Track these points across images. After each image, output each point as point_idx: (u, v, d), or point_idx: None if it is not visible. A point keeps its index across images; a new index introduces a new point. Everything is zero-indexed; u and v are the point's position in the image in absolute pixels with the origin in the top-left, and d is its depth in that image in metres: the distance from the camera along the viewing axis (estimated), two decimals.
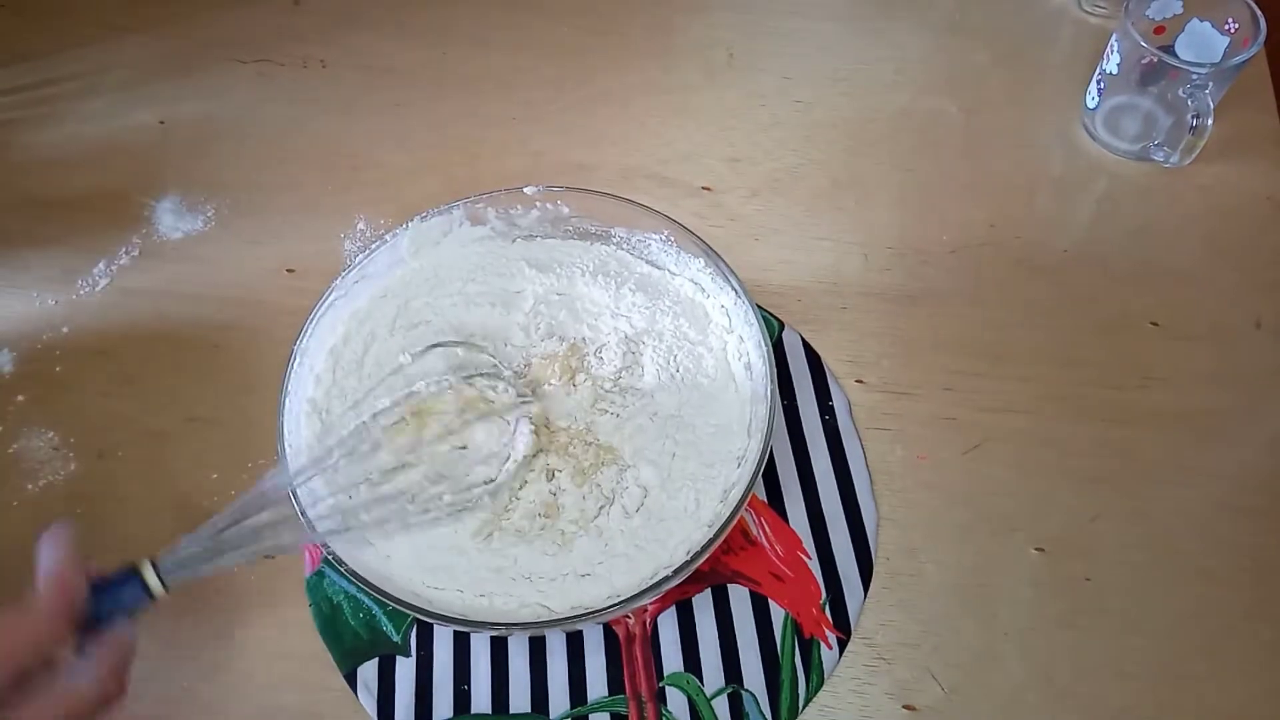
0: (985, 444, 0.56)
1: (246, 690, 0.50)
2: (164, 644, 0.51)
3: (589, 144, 0.69)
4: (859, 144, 0.69)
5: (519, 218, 0.57)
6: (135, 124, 0.71)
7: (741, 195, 0.67)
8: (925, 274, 0.63)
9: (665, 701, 0.49)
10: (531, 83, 0.72)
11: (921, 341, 0.60)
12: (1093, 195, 0.66)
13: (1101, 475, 0.55)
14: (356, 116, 0.71)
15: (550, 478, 0.52)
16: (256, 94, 0.72)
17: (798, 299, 0.61)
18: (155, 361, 0.60)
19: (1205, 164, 0.65)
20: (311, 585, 0.52)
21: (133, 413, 0.58)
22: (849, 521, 0.54)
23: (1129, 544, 0.53)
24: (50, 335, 0.61)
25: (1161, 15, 0.64)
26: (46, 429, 0.58)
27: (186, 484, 0.55)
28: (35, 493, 0.56)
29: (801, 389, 0.58)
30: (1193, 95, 0.60)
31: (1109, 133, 0.67)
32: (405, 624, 0.51)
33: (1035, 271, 0.63)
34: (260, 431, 0.56)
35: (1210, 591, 0.52)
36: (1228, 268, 0.63)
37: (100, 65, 0.73)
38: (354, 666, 0.50)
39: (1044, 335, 0.60)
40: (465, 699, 0.49)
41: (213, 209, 0.66)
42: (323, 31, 0.75)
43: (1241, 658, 0.50)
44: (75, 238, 0.65)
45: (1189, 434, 0.56)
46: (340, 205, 0.66)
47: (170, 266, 0.64)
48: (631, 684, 0.49)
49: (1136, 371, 0.59)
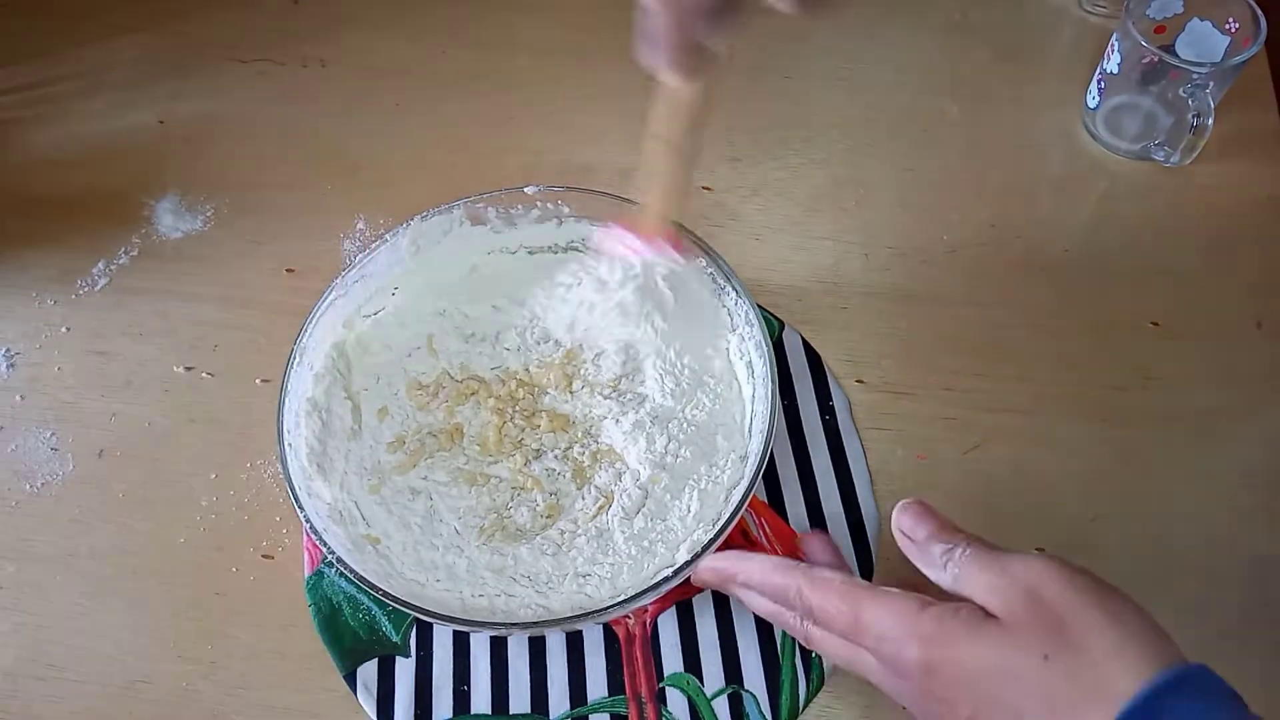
0: (985, 444, 0.56)
1: (245, 690, 0.50)
2: (164, 644, 0.51)
3: (589, 144, 0.69)
4: (859, 144, 0.69)
5: (519, 218, 0.57)
6: (135, 124, 0.71)
7: (742, 195, 0.66)
8: (925, 274, 0.63)
9: (665, 702, 0.49)
10: (531, 83, 0.72)
11: (922, 341, 0.60)
12: (1093, 195, 0.66)
13: (1101, 475, 0.55)
14: (356, 116, 0.71)
15: (550, 478, 0.52)
16: (256, 93, 0.72)
17: (798, 299, 0.61)
18: (154, 361, 0.60)
19: (1206, 163, 0.65)
20: (311, 585, 0.52)
21: (132, 413, 0.58)
22: (849, 521, 0.54)
23: (1129, 544, 0.53)
24: (49, 335, 0.61)
25: (1162, 15, 0.63)
26: (44, 429, 0.58)
27: (186, 485, 0.55)
28: (34, 493, 0.56)
29: (802, 389, 0.58)
30: (1193, 95, 0.60)
31: (1109, 132, 0.67)
32: (405, 624, 0.51)
33: (1036, 271, 0.63)
34: (260, 432, 0.56)
35: (1210, 591, 0.52)
36: (1228, 268, 0.62)
37: (100, 65, 0.73)
38: (353, 667, 0.50)
39: (1044, 335, 0.60)
40: (465, 699, 0.49)
41: (212, 209, 0.66)
42: (323, 31, 0.75)
43: (1241, 658, 0.50)
44: (74, 237, 0.65)
45: (1189, 434, 0.56)
46: (340, 205, 0.66)
47: (170, 266, 0.64)
48: (631, 684, 0.49)
49: (1136, 371, 0.59)
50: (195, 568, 0.53)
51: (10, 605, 0.52)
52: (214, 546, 0.54)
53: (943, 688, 0.38)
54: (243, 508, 0.55)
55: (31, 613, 0.52)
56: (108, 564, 0.53)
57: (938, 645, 0.38)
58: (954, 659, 0.38)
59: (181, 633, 0.51)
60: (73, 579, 0.53)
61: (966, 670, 0.37)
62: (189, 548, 0.54)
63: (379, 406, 0.54)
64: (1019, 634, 0.37)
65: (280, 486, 0.55)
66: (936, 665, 0.38)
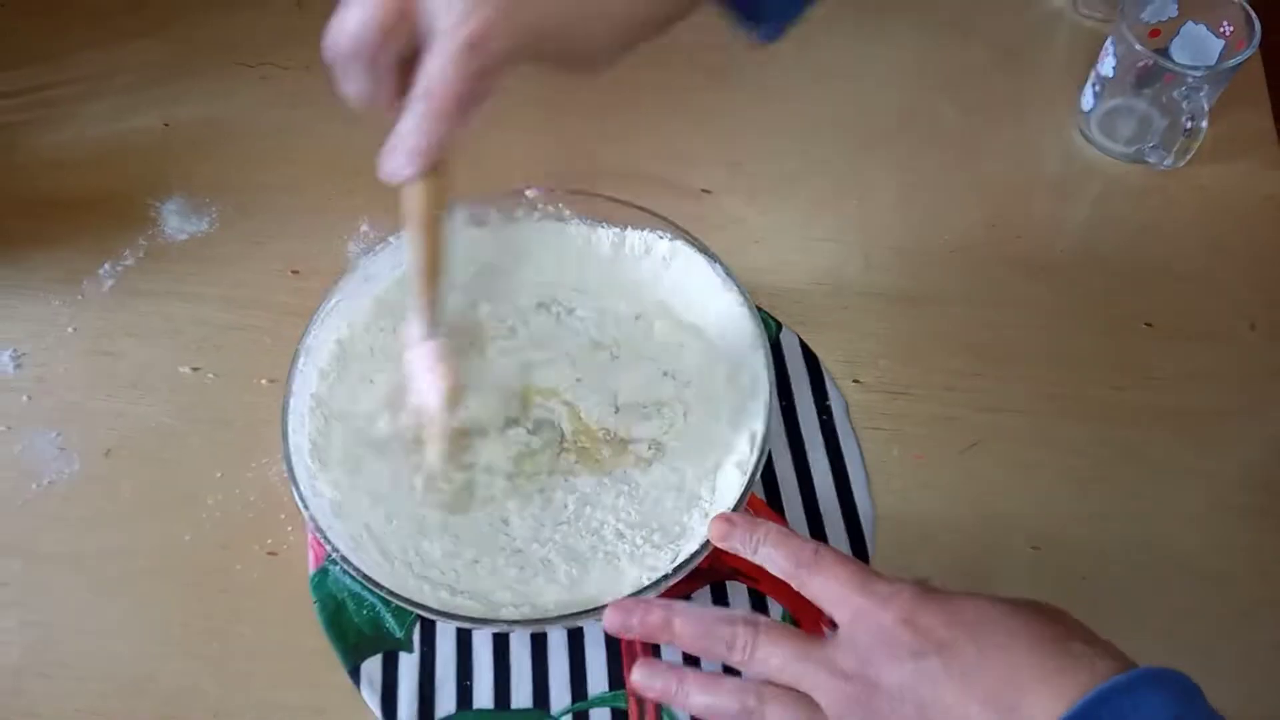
0: (982, 443, 0.57)
1: (250, 686, 0.50)
2: (169, 641, 0.52)
3: (589, 145, 0.69)
4: (859, 145, 0.69)
5: (519, 218, 0.57)
6: (140, 126, 0.71)
7: (742, 197, 0.67)
8: (924, 274, 0.63)
9: None
10: (531, 83, 0.73)
11: (919, 341, 0.60)
12: (1089, 197, 0.67)
13: (1098, 475, 0.56)
14: (359, 119, 0.71)
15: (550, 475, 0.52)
16: (260, 97, 0.73)
17: (795, 299, 0.62)
18: (160, 362, 0.61)
19: (1200, 166, 0.65)
20: (315, 582, 0.52)
21: (138, 413, 0.59)
22: (846, 521, 0.54)
23: (1126, 543, 0.53)
24: (55, 335, 0.62)
25: (1156, 18, 0.64)
26: (51, 429, 0.58)
27: (192, 483, 0.56)
28: (40, 491, 0.56)
29: (799, 389, 0.58)
30: (1188, 98, 0.61)
31: (1104, 135, 0.68)
32: (408, 621, 0.51)
33: (1033, 272, 0.63)
34: (265, 431, 0.57)
35: (1209, 591, 0.52)
36: (1223, 268, 0.63)
37: (105, 68, 0.74)
38: (358, 663, 0.50)
39: (1041, 335, 0.60)
40: (468, 695, 0.49)
41: (217, 210, 0.67)
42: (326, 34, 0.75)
43: (1241, 658, 0.50)
44: (80, 239, 0.65)
45: (1186, 434, 0.57)
46: (344, 207, 0.66)
47: (175, 267, 0.64)
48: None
49: (1133, 371, 0.59)
50: (200, 565, 0.53)
51: (16, 603, 0.53)
52: (219, 544, 0.54)
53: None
54: (248, 506, 0.55)
55: (37, 610, 0.53)
56: (113, 562, 0.54)
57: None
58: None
59: (187, 630, 0.52)
60: (79, 577, 0.53)
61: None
62: (194, 546, 0.54)
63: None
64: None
65: (284, 484, 0.55)
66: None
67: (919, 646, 0.37)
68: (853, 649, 0.38)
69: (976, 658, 0.36)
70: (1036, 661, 0.35)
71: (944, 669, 0.36)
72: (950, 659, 0.36)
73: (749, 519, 0.44)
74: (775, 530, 0.42)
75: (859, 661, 0.38)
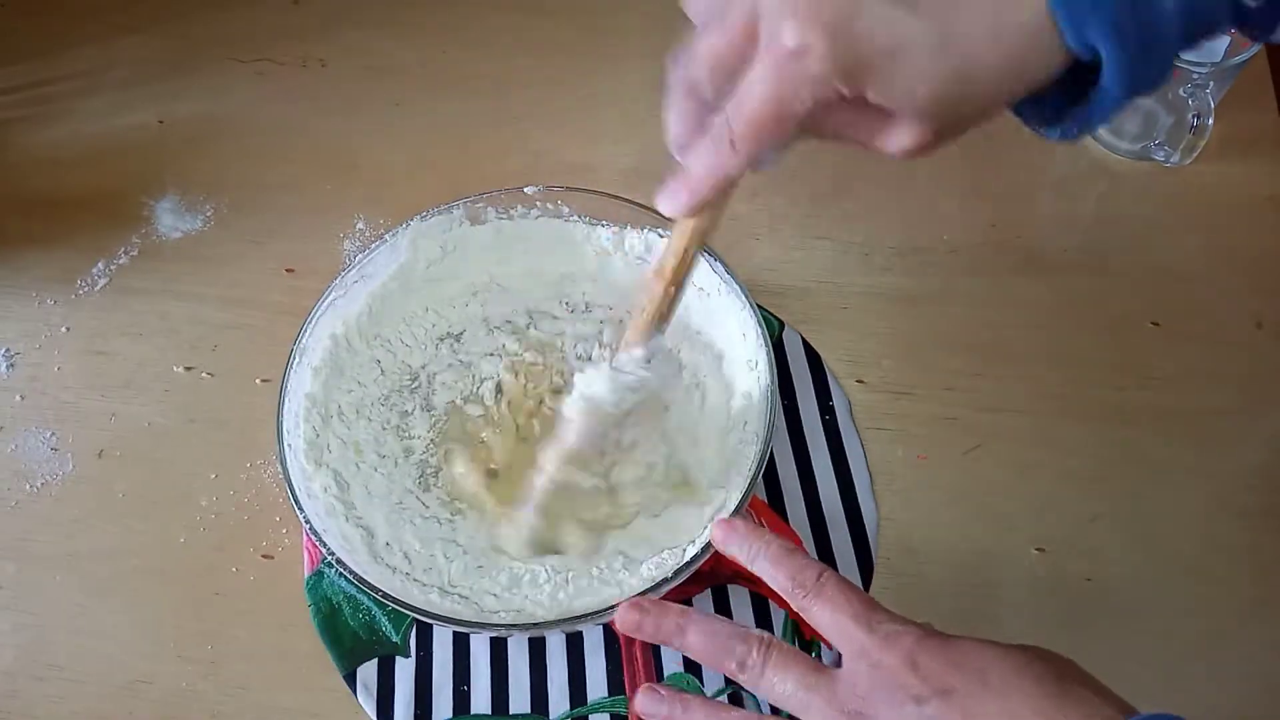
0: (985, 444, 0.56)
1: (245, 690, 0.50)
2: (164, 643, 0.51)
3: (589, 144, 0.69)
4: None
5: (519, 218, 0.57)
6: (134, 123, 0.71)
7: (742, 195, 0.66)
8: (926, 274, 0.62)
9: None
10: (531, 83, 0.72)
11: (922, 341, 0.60)
12: (1093, 195, 0.66)
13: (1101, 475, 0.55)
14: (356, 116, 0.71)
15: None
16: (256, 93, 0.72)
17: (798, 299, 0.61)
18: (154, 361, 0.60)
19: (1206, 164, 0.65)
20: (311, 586, 0.52)
21: (132, 413, 0.58)
22: (849, 521, 0.54)
23: (1129, 544, 0.53)
24: (49, 335, 0.61)
25: None
26: (44, 429, 0.58)
27: (186, 484, 0.55)
28: (33, 492, 0.56)
29: (802, 389, 0.58)
30: (1193, 95, 0.60)
31: (1109, 132, 0.67)
32: (405, 625, 0.51)
33: (1036, 271, 0.62)
34: (260, 431, 0.56)
35: (1209, 591, 0.52)
36: (1228, 268, 0.62)
37: (99, 64, 0.73)
38: (353, 667, 0.50)
39: (1044, 335, 0.60)
40: (465, 700, 0.49)
41: (212, 209, 0.66)
42: (322, 31, 0.75)
43: (1241, 658, 0.50)
44: (74, 237, 0.65)
45: (1189, 434, 0.56)
46: (340, 205, 0.66)
47: (169, 266, 0.64)
48: (632, 685, 0.49)
49: (1136, 371, 0.59)
50: (195, 567, 0.53)
51: (10, 605, 0.52)
52: (214, 546, 0.54)
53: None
54: (243, 508, 0.55)
55: (31, 612, 0.52)
56: (108, 564, 0.53)
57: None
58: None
59: (181, 632, 0.51)
60: (73, 579, 0.53)
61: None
62: (189, 548, 0.54)
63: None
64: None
65: (280, 486, 0.55)
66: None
67: (921, 691, 0.37)
68: (855, 686, 0.38)
69: (978, 703, 0.36)
70: (1036, 706, 0.35)
71: (945, 714, 0.36)
72: (951, 704, 0.36)
73: (753, 528, 0.43)
74: (777, 545, 0.42)
75: (861, 701, 0.38)
